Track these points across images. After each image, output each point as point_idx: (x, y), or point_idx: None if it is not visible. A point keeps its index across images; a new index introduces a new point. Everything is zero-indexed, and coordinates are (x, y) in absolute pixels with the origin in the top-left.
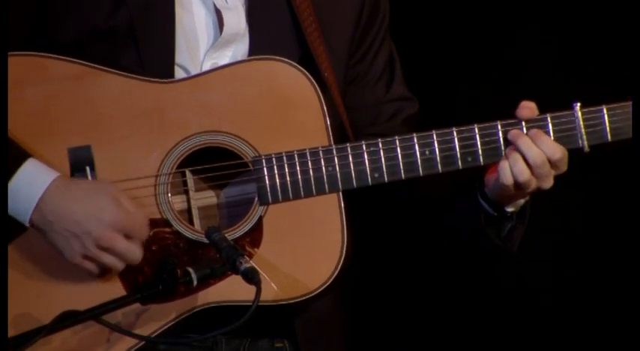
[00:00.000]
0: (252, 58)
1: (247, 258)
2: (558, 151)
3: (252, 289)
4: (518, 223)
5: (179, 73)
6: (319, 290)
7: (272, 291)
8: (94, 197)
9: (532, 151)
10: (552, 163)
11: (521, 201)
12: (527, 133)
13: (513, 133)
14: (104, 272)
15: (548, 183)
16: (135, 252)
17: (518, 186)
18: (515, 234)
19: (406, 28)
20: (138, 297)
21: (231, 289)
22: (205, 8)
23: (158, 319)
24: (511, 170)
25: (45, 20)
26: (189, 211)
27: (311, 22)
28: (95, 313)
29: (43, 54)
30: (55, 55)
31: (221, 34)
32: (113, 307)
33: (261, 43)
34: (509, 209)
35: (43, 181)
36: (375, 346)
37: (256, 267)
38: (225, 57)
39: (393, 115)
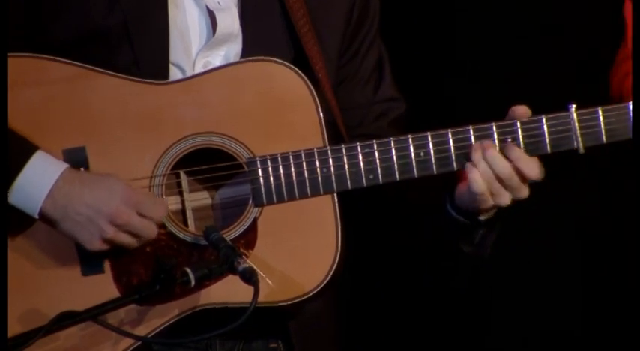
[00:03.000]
0: (247, 59)
1: (245, 258)
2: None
3: (249, 290)
4: (490, 231)
5: (174, 72)
6: (314, 292)
7: (267, 293)
8: (106, 182)
9: (498, 166)
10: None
11: (494, 209)
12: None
13: (484, 144)
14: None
15: (523, 194)
16: (151, 227)
17: (490, 196)
18: (488, 240)
19: (400, 28)
20: (135, 297)
21: (228, 291)
22: (198, 9)
23: (156, 318)
24: (482, 179)
25: (39, 20)
26: (183, 212)
27: (304, 23)
28: (93, 314)
29: (38, 55)
30: (51, 56)
31: (214, 34)
32: (111, 308)
33: (254, 44)
34: (483, 218)
35: (55, 171)
36: (369, 347)
37: (254, 267)
38: (217, 56)
39: (379, 116)
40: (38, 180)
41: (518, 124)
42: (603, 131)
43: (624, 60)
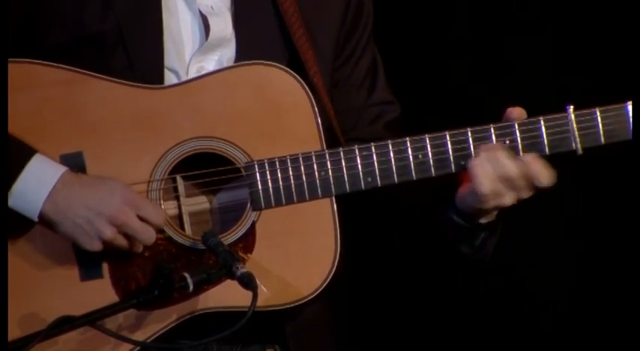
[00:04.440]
0: (243, 63)
1: (243, 263)
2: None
3: (247, 295)
4: (491, 233)
5: (169, 77)
6: (313, 296)
7: (265, 297)
8: (106, 183)
9: (504, 166)
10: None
11: (496, 211)
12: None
13: (486, 146)
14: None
15: (526, 194)
16: (150, 232)
17: (494, 196)
18: (489, 243)
19: (396, 30)
20: (134, 302)
21: (226, 295)
22: (191, 13)
23: (154, 324)
24: (487, 179)
25: (32, 25)
26: (180, 217)
27: (298, 27)
28: (91, 319)
29: (34, 61)
30: (47, 62)
31: (207, 38)
32: (109, 313)
33: (248, 48)
34: (484, 221)
35: (54, 173)
36: None
37: (252, 272)
38: (211, 61)
39: (374, 120)
40: (37, 183)
41: (516, 126)
42: (601, 132)
43: None
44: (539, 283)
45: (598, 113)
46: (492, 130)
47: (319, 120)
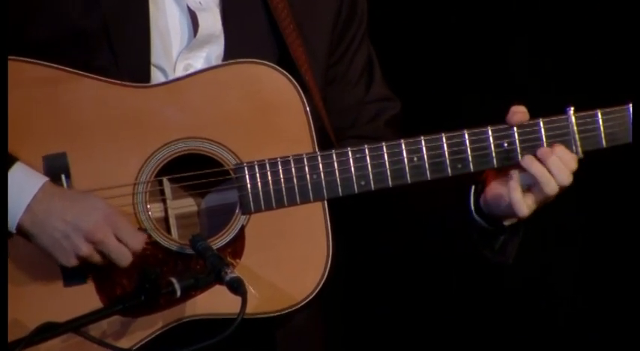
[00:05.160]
0: (233, 61)
1: (232, 268)
2: (574, 163)
3: (236, 301)
4: (512, 236)
5: (156, 74)
6: (304, 302)
7: (255, 303)
8: (87, 199)
9: (563, 175)
10: None
11: None
12: (554, 152)
13: (544, 152)
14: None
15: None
16: (125, 254)
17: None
18: (510, 246)
19: (392, 28)
20: (119, 308)
21: (214, 302)
22: (179, 9)
23: (140, 330)
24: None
25: (17, 20)
26: (167, 220)
27: (289, 23)
28: (75, 326)
29: (15, 57)
30: (31, 59)
31: (195, 35)
32: (93, 319)
33: (236, 45)
34: (507, 223)
35: (35, 184)
36: None
37: (241, 277)
38: (199, 58)
39: (374, 117)
40: (16, 193)
41: (515, 129)
42: (603, 135)
43: None
44: (538, 282)
45: (600, 115)
46: (490, 133)
47: (311, 120)
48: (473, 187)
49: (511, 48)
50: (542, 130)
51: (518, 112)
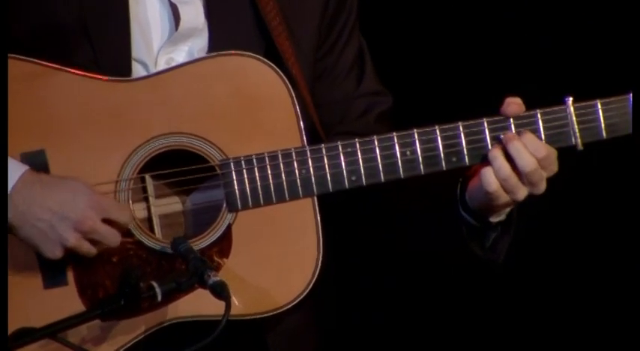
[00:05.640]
0: (217, 53)
1: (215, 272)
2: (543, 150)
3: (222, 302)
4: (503, 234)
5: (137, 69)
6: (293, 303)
7: (243, 304)
8: (69, 184)
9: (523, 159)
10: (541, 166)
11: (507, 209)
12: (520, 138)
13: (507, 136)
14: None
15: (540, 189)
16: (116, 235)
17: (505, 192)
18: (500, 244)
19: (385, 21)
20: (98, 313)
21: (200, 303)
22: (160, 1)
23: (121, 335)
24: (495, 176)
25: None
26: (150, 219)
27: (275, 16)
28: (52, 331)
29: None
30: (10, 54)
31: (177, 28)
32: (72, 324)
33: (221, 38)
34: (494, 219)
35: (15, 173)
36: None
37: (225, 281)
38: (181, 52)
39: (364, 112)
40: None
41: (512, 121)
42: (603, 126)
43: None
44: (536, 282)
45: (599, 105)
46: (486, 125)
47: (299, 114)
48: (460, 181)
49: (506, 38)
50: (540, 121)
51: (514, 104)
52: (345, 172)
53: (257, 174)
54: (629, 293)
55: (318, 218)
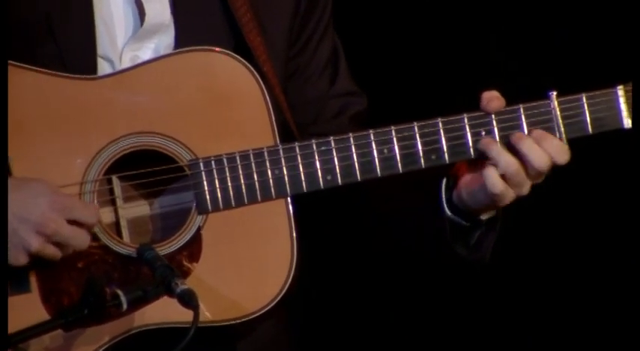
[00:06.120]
0: (185, 49)
1: (184, 279)
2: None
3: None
4: (488, 231)
5: (103, 66)
6: (266, 309)
7: (213, 311)
8: (30, 186)
9: (538, 159)
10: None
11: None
12: (530, 135)
13: (517, 136)
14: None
15: (526, 190)
16: (83, 235)
17: (512, 189)
18: (486, 242)
19: (362, 19)
20: (61, 322)
21: (168, 310)
22: None
23: (86, 344)
24: (502, 174)
25: None
26: (117, 222)
27: (245, 12)
28: (13, 341)
29: None
30: None
31: (142, 24)
32: (33, 334)
33: (188, 35)
34: (485, 217)
35: None
36: None
37: (194, 289)
38: (147, 49)
39: (338, 112)
40: None
41: (493, 115)
42: (589, 120)
43: None
44: (535, 282)
45: (584, 99)
46: (466, 120)
47: (272, 111)
48: (444, 181)
49: (487, 32)
50: (523, 116)
51: (494, 99)
52: (319, 171)
53: (228, 174)
54: (624, 290)
55: (292, 220)
